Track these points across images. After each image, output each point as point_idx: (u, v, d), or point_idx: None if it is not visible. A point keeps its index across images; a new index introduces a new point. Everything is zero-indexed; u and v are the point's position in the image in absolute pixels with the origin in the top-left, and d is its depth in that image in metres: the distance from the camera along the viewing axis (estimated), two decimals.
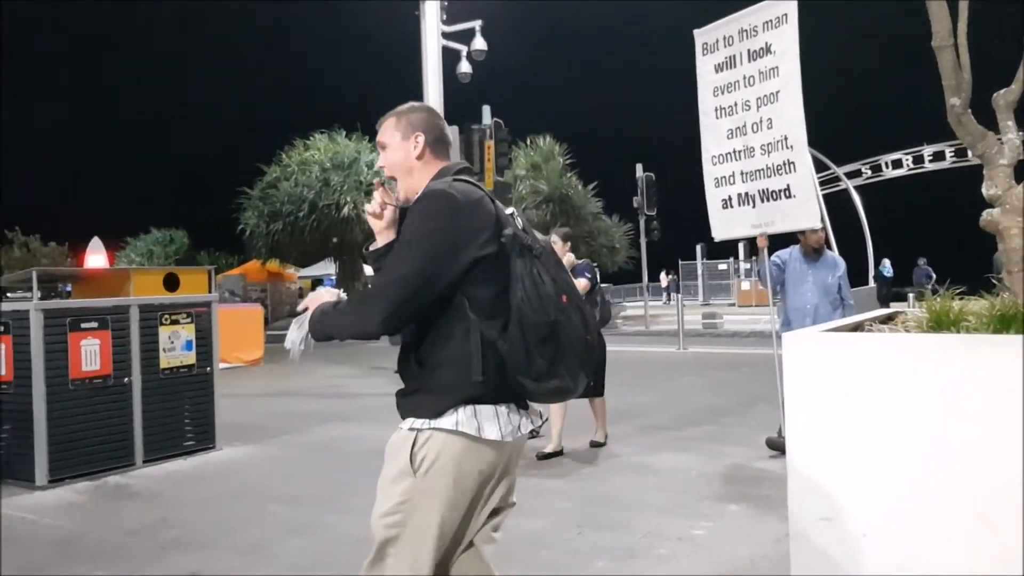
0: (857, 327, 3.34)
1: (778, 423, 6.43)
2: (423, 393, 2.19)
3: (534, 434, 6.32)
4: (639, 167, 22.78)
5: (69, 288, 9.86)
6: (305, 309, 2.32)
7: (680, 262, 39.89)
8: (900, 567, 2.47)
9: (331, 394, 10.39)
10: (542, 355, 2.07)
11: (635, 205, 23.25)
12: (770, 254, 6.55)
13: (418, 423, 2.17)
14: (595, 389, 6.65)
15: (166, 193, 56.18)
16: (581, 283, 6.11)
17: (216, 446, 6.83)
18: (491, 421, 2.14)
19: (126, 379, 6.25)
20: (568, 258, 6.59)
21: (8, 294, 11.15)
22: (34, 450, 5.77)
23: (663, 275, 41.61)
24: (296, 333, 2.32)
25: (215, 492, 5.66)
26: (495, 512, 2.35)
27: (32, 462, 5.78)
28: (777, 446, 6.35)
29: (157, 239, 40.18)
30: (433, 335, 2.17)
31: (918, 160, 30.15)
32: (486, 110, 18.66)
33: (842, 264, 6.70)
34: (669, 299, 41.36)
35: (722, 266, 38.56)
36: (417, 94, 11.47)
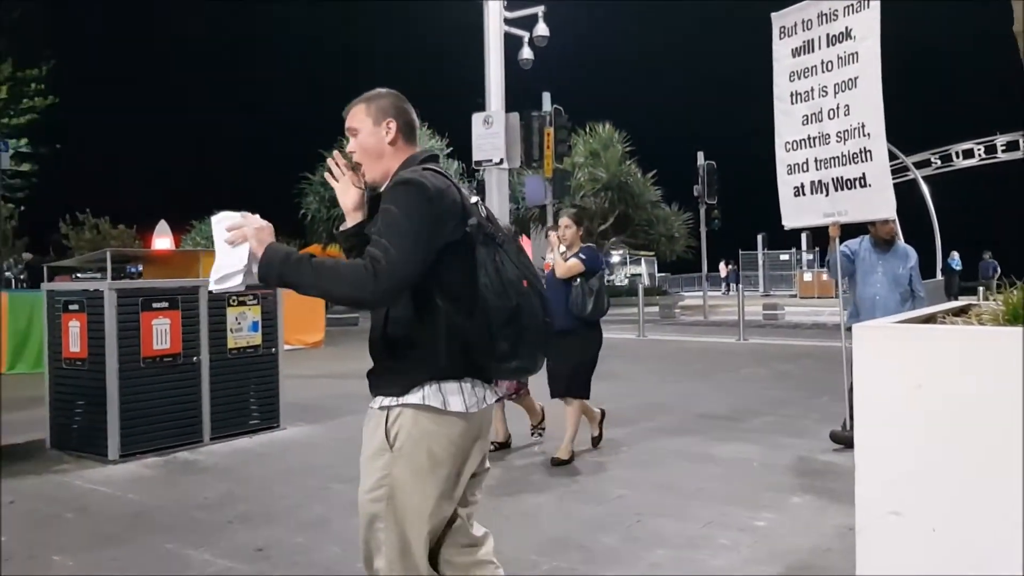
0: (930, 319, 3.26)
1: (843, 416, 6.32)
2: (392, 372, 2.31)
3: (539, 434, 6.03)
4: (700, 155, 22.49)
5: (138, 269, 10.12)
6: (242, 239, 2.23)
7: (740, 252, 39.37)
8: (971, 566, 2.40)
9: None
10: (504, 338, 2.21)
11: (695, 194, 22.98)
12: (840, 243, 6.41)
13: (387, 401, 2.29)
14: (576, 388, 5.94)
15: (230, 177, 57.20)
16: (572, 262, 5.77)
17: (280, 425, 6.96)
18: (456, 395, 2.25)
19: (195, 358, 6.39)
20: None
21: (78, 274, 11.52)
22: (107, 425, 5.94)
23: (723, 265, 41.11)
24: (231, 262, 2.21)
25: (280, 470, 5.77)
26: (473, 476, 2.44)
27: (105, 437, 5.96)
28: (841, 439, 6.23)
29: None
30: (403, 317, 2.27)
31: (990, 150, 29.15)
32: (546, 96, 18.57)
33: (913, 255, 6.52)
34: (728, 289, 40.90)
35: (784, 256, 37.96)
36: (478, 80, 11.46)
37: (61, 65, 37.75)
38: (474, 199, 2.40)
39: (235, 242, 2.24)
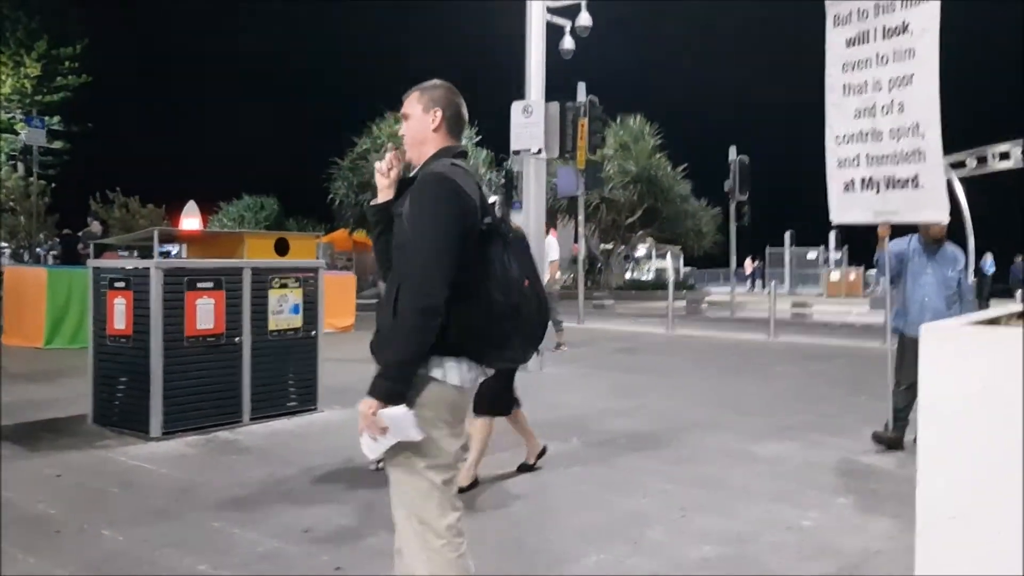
0: (993, 321, 3.21)
1: (884, 417, 6.26)
2: None
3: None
4: (732, 149, 22.26)
5: (168, 249, 10.19)
6: (375, 423, 2.40)
7: (768, 249, 39.05)
8: None
9: None
10: (502, 329, 2.44)
11: (726, 189, 22.76)
12: (889, 242, 6.32)
13: None
14: (494, 404, 5.15)
15: (259, 160, 57.51)
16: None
17: (318, 408, 6.99)
18: (454, 370, 2.45)
19: (237, 339, 6.42)
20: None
21: (120, 251, 11.62)
22: (149, 403, 5.98)
23: (748, 261, 40.83)
24: (391, 430, 2.40)
25: (320, 451, 5.78)
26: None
27: (147, 414, 6.00)
28: (884, 440, 6.17)
29: (248, 205, 41.25)
30: None
31: None
32: (581, 87, 18.50)
33: (962, 258, 6.43)
34: (753, 285, 40.63)
35: (811, 255, 37.63)
36: (519, 68, 11.42)
37: (95, 44, 38.01)
38: (492, 199, 2.57)
39: (374, 433, 2.43)
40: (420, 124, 2.60)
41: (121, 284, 6.25)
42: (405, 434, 2.38)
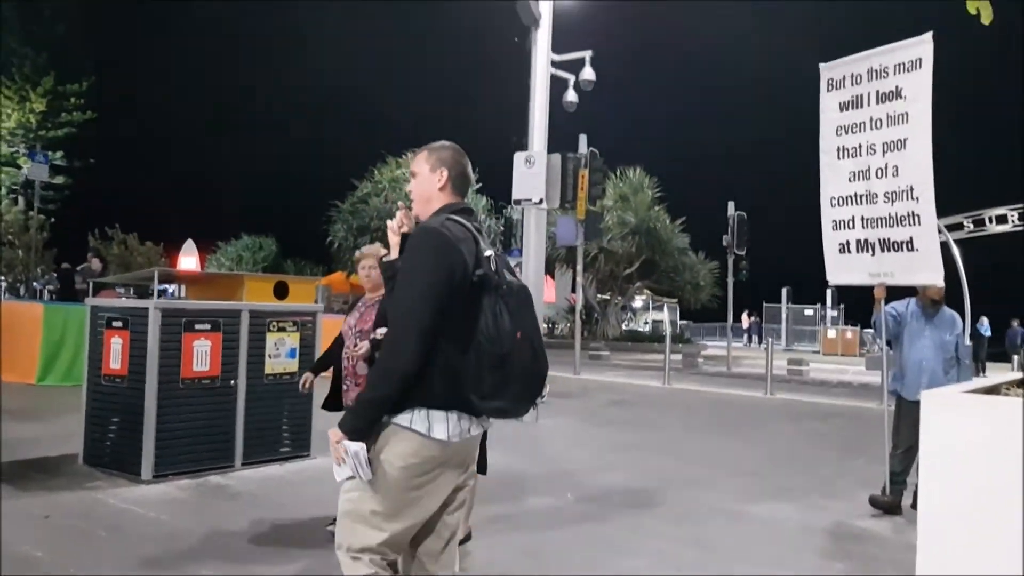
0: (992, 390, 3.22)
1: (880, 480, 6.22)
2: None
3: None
4: (731, 205, 22.48)
5: (165, 287, 10.17)
6: (337, 442, 2.50)
7: (764, 304, 39.14)
8: None
9: None
10: (491, 379, 2.45)
11: (724, 243, 22.93)
12: (886, 304, 6.34)
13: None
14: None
15: (258, 200, 57.78)
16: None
17: (311, 454, 6.92)
18: (440, 423, 2.48)
19: (232, 381, 6.38)
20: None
21: (118, 288, 11.61)
22: (142, 445, 5.92)
23: (744, 316, 40.90)
24: (348, 461, 2.49)
25: (311, 499, 5.70)
26: (450, 501, 2.69)
27: (139, 456, 5.94)
28: (881, 504, 6.12)
29: (247, 245, 41.43)
30: None
31: None
32: (582, 139, 18.73)
33: (960, 322, 6.46)
34: (750, 341, 40.63)
35: (808, 311, 37.69)
36: (520, 116, 11.56)
37: (101, 81, 38.36)
38: (488, 252, 2.58)
39: (339, 459, 2.52)
40: (427, 183, 2.73)
41: (119, 323, 6.23)
42: (357, 471, 2.48)
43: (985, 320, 26.82)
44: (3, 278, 30.91)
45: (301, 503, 5.63)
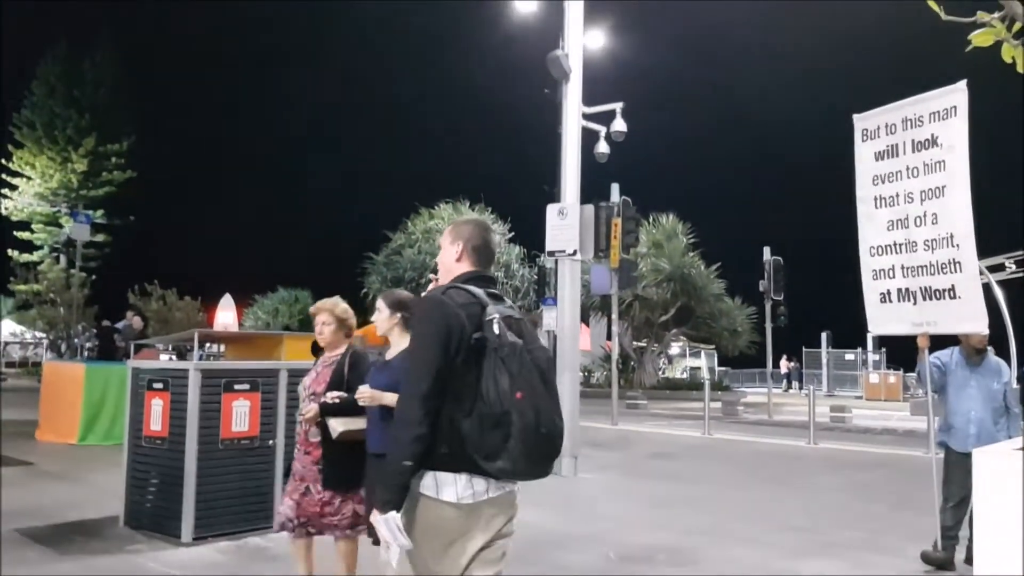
0: None
1: (931, 534, 6.03)
2: None
3: None
4: (767, 250, 22.31)
5: (207, 345, 10.26)
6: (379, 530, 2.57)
7: (804, 349, 38.58)
8: None
9: None
10: (493, 439, 2.50)
11: (761, 288, 22.72)
12: (930, 354, 6.21)
13: None
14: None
15: (295, 255, 58.54)
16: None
17: None
18: (450, 485, 2.56)
19: (271, 441, 6.39)
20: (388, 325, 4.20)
21: (158, 346, 11.75)
22: (182, 507, 5.93)
23: (783, 361, 40.34)
24: (386, 534, 2.54)
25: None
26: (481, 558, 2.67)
27: (179, 518, 5.95)
28: (934, 561, 5.93)
29: (283, 298, 41.85)
30: None
31: None
32: (615, 187, 18.78)
33: (1007, 370, 6.30)
34: (789, 386, 40.01)
35: (849, 356, 37.02)
36: (543, 167, 11.64)
37: (141, 139, 39.34)
38: (494, 315, 2.63)
39: (384, 540, 2.56)
40: (447, 255, 2.92)
41: (159, 385, 6.29)
42: (397, 540, 2.51)
43: None
44: (46, 335, 31.50)
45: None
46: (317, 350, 7.28)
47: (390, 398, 3.79)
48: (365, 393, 3.99)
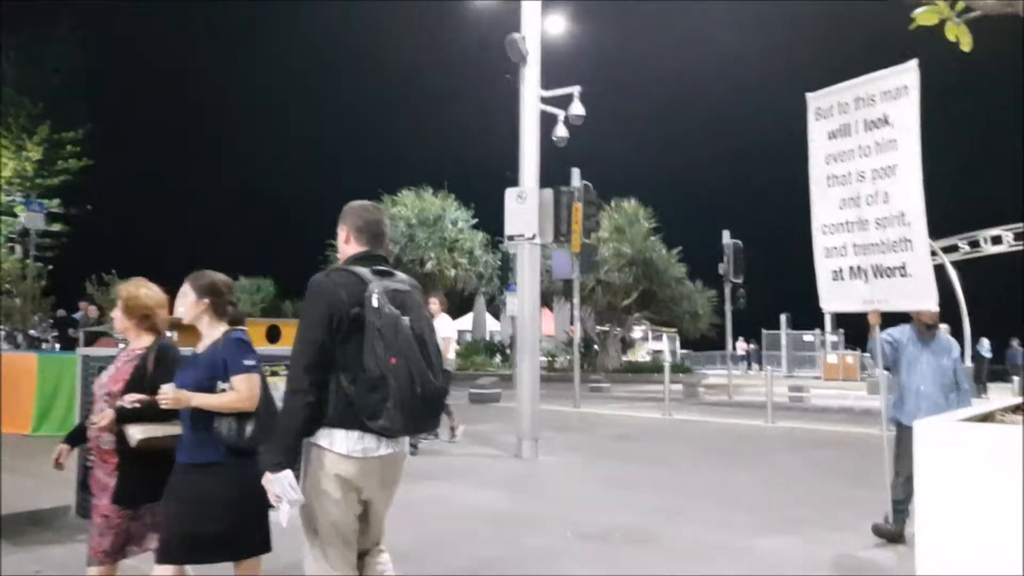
0: (987, 417, 3.18)
1: (884, 509, 6.13)
2: None
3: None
4: (726, 233, 22.48)
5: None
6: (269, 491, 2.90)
7: (764, 331, 39.04)
8: None
9: (421, 452, 10.29)
10: (373, 400, 2.85)
11: (721, 272, 22.91)
12: (881, 331, 6.30)
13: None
14: (171, 550, 3.60)
15: (255, 242, 57.94)
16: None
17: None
18: (341, 440, 2.92)
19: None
20: None
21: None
22: None
23: (740, 343, 40.79)
24: (279, 492, 2.85)
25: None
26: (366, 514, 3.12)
27: None
28: (884, 533, 6.05)
29: (244, 287, 41.36)
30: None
31: (1020, 236, 29.00)
32: (575, 172, 18.77)
33: (956, 347, 6.42)
34: (749, 368, 40.50)
35: (807, 337, 37.55)
36: (506, 153, 11.60)
37: (97, 128, 38.56)
38: (373, 291, 2.92)
39: (274, 500, 2.91)
40: (339, 239, 3.24)
41: None
42: (289, 496, 2.81)
43: (986, 341, 26.76)
44: (2, 327, 30.86)
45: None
46: (273, 337, 7.21)
47: (200, 399, 3.36)
48: (168, 394, 3.38)
